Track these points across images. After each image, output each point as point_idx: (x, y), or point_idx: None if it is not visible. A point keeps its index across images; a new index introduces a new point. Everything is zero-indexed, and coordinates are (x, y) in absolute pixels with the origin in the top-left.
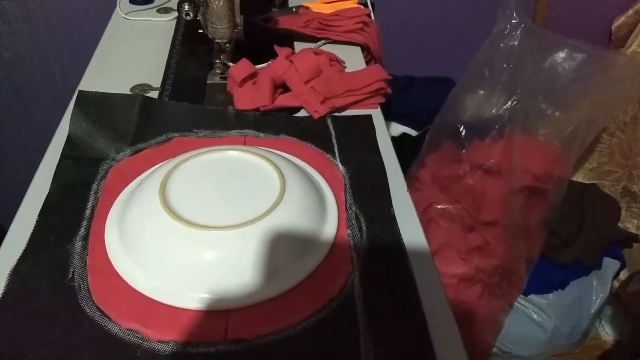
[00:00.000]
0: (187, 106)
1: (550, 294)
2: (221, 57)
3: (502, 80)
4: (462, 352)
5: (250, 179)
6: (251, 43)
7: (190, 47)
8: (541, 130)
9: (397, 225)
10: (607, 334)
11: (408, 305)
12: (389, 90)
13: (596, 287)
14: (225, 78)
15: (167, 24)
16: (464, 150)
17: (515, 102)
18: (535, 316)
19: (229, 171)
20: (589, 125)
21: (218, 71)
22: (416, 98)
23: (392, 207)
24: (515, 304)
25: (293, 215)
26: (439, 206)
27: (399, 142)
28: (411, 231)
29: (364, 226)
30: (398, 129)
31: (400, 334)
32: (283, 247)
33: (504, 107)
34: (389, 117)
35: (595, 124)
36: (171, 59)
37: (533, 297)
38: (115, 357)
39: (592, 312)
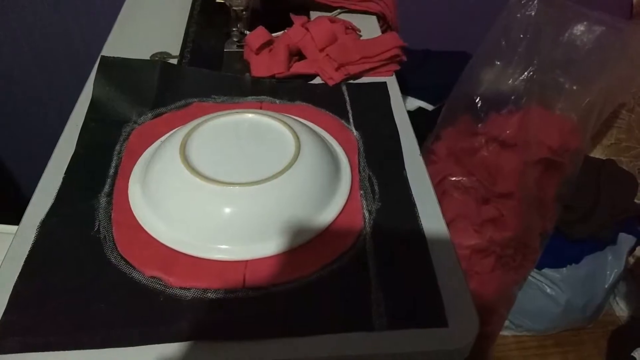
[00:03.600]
0: (206, 72)
1: (564, 268)
2: (238, 25)
3: (519, 51)
4: (470, 303)
5: (267, 140)
6: (267, 11)
7: (209, 16)
8: (558, 104)
9: (409, 187)
10: (621, 309)
11: (417, 258)
12: (404, 58)
13: (611, 262)
14: (242, 46)
15: None
16: (480, 123)
17: (532, 74)
18: (548, 290)
19: (246, 132)
20: (606, 99)
21: (235, 39)
22: (433, 72)
23: (405, 169)
24: (529, 277)
25: (307, 174)
26: (454, 178)
27: (415, 116)
28: (423, 192)
29: (376, 187)
30: (414, 103)
31: (409, 283)
32: (298, 203)
33: (521, 79)
34: (405, 91)
35: (613, 98)
36: (190, 28)
37: (547, 270)
38: (140, 302)
39: (606, 287)
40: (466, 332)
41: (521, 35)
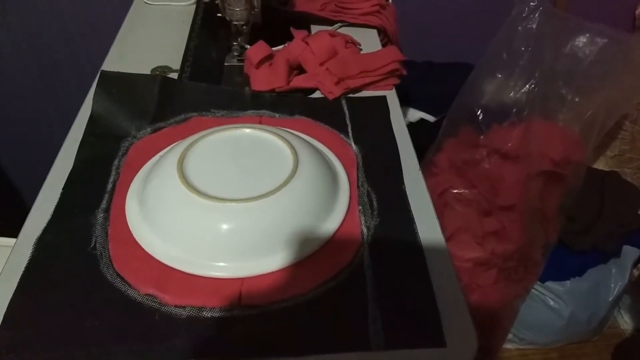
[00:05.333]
0: (205, 87)
1: (568, 281)
2: (238, 39)
3: (521, 63)
4: (469, 321)
5: (265, 155)
6: (268, 26)
7: (209, 30)
8: (560, 115)
9: (408, 202)
10: (625, 322)
11: (416, 275)
12: (404, 72)
13: (615, 275)
14: (242, 60)
15: (186, 8)
16: (481, 135)
17: (533, 86)
18: (552, 303)
19: (244, 148)
20: (609, 110)
21: (235, 53)
22: (434, 84)
23: (404, 185)
24: (532, 290)
25: (305, 190)
26: (455, 190)
27: (416, 127)
28: (422, 208)
29: (375, 203)
30: (416, 114)
31: (407, 301)
32: (295, 220)
33: (522, 91)
34: (407, 102)
35: (615, 110)
36: (190, 42)
37: (550, 283)
38: (134, 320)
39: (610, 300)
40: (465, 353)
41: (523, 48)
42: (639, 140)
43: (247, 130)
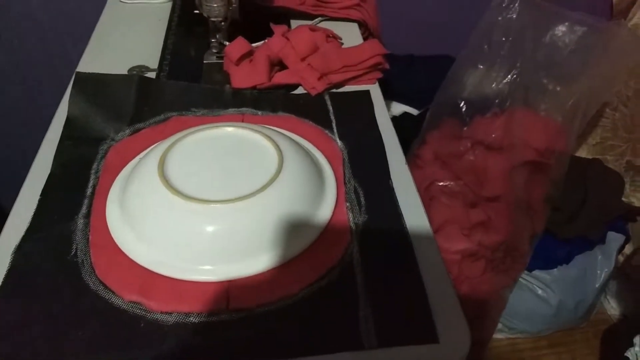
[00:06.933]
0: (184, 85)
1: (555, 270)
2: (217, 36)
3: (501, 54)
4: (461, 316)
5: (248, 154)
6: (247, 22)
7: (187, 27)
8: (542, 105)
9: (396, 197)
10: (612, 308)
11: (406, 272)
12: (387, 66)
13: (601, 262)
14: (221, 57)
15: (162, 5)
16: (465, 127)
17: (515, 77)
18: (540, 292)
19: (227, 147)
20: (590, 99)
21: (214, 50)
22: (417, 77)
23: (391, 179)
24: (520, 279)
25: (291, 188)
26: (441, 183)
27: (400, 121)
28: (410, 203)
29: (362, 199)
30: (399, 108)
31: (398, 298)
32: (282, 219)
33: (504, 82)
34: (390, 96)
35: (597, 98)
36: (168, 40)
37: (537, 272)
38: (119, 328)
39: (597, 286)
40: (458, 347)
41: (503, 38)
42: (620, 128)
43: (229, 129)
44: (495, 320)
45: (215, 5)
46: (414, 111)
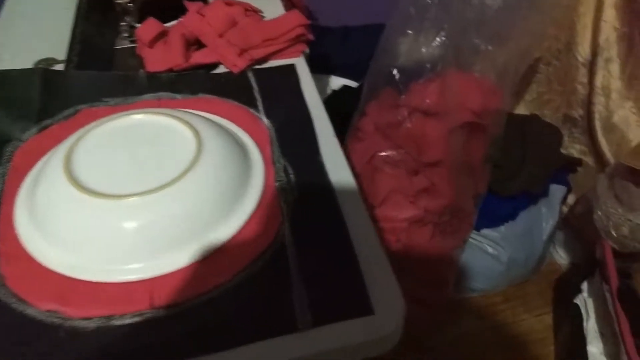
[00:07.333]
0: (93, 74)
1: (502, 227)
2: (127, 19)
3: (430, 17)
4: (395, 285)
5: (163, 141)
6: (160, 1)
7: (97, 13)
8: (475, 66)
9: (326, 172)
10: (561, 257)
11: (338, 246)
12: (310, 37)
13: (545, 214)
14: (135, 41)
15: None
16: (401, 95)
17: (445, 39)
18: (490, 250)
19: (139, 136)
20: (521, 56)
21: (125, 34)
22: (354, 48)
23: (320, 154)
24: (470, 240)
25: (212, 173)
26: (383, 153)
27: (341, 95)
28: (341, 177)
29: (292, 177)
30: (338, 81)
31: (331, 274)
32: (205, 207)
33: (434, 46)
34: (328, 70)
35: (527, 55)
36: (76, 29)
37: (486, 231)
38: (37, 341)
39: (544, 238)
40: (393, 316)
41: (429, 1)
42: (554, 81)
43: (139, 116)
44: (449, 282)
45: None
46: (353, 84)
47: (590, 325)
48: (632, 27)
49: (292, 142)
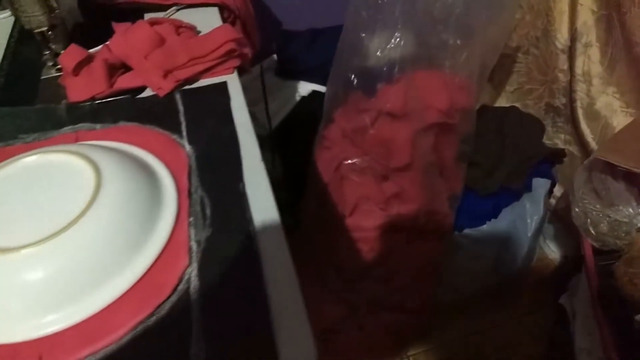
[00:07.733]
0: (9, 110)
1: (484, 225)
2: (51, 47)
3: (380, 18)
4: (307, 330)
5: (60, 182)
6: (91, 23)
7: (28, 43)
8: (442, 62)
9: (247, 203)
10: (552, 251)
11: (249, 292)
12: (245, 51)
13: (529, 209)
14: (61, 70)
15: (2, 22)
16: (366, 99)
17: (399, 40)
18: (473, 249)
19: (33, 179)
20: (488, 48)
21: (50, 63)
22: (321, 51)
23: (243, 181)
24: (453, 240)
25: (110, 215)
26: (349, 161)
27: (310, 100)
28: (263, 206)
29: (208, 210)
30: (307, 87)
31: (237, 326)
32: (100, 254)
33: (393, 47)
34: (295, 75)
35: (494, 47)
36: (4, 61)
37: (468, 231)
38: None
39: (529, 235)
40: None
41: (379, 1)
42: (534, 70)
43: (32, 158)
44: (433, 285)
45: (34, 15)
46: (322, 88)
47: (578, 325)
48: (610, 9)
49: (214, 170)
